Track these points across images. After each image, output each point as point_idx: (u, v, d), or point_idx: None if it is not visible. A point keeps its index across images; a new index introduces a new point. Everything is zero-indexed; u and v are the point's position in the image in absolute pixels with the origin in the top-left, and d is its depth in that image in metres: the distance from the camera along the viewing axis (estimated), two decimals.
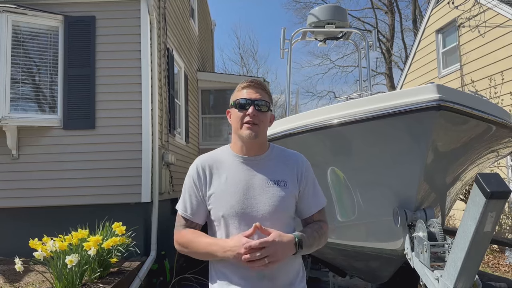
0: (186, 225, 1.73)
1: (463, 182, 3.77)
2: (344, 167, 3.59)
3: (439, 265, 2.63)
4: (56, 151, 5.44)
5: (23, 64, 5.47)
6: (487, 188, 1.80)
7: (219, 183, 1.69)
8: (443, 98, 2.77)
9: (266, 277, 1.60)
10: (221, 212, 1.65)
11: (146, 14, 5.68)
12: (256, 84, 1.71)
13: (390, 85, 21.25)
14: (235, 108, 1.70)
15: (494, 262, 7.01)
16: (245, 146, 1.71)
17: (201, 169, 1.73)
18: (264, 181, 1.67)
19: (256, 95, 1.68)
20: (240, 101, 1.68)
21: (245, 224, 1.62)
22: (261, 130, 1.69)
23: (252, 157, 1.72)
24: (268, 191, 1.66)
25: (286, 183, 1.69)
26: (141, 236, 5.16)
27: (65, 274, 3.59)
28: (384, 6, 22.84)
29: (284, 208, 1.66)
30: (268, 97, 1.72)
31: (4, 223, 5.36)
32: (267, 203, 1.64)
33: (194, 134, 9.37)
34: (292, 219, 1.73)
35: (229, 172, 1.70)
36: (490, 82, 8.27)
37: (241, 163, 1.71)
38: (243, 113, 1.67)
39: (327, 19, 6.71)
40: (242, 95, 1.69)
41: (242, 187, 1.66)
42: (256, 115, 1.65)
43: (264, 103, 1.68)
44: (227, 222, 1.64)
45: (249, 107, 1.65)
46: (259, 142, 1.71)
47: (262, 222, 1.60)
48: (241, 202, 1.64)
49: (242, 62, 29.89)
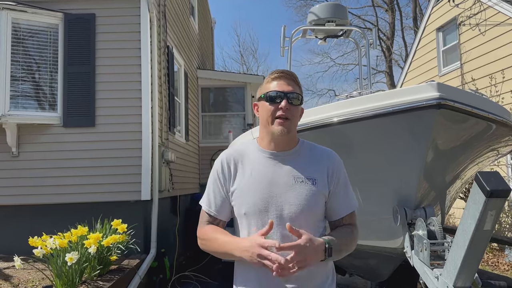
0: (209, 221, 1.64)
1: (463, 180, 3.76)
2: (344, 165, 3.58)
3: (438, 264, 2.63)
4: (56, 149, 5.44)
5: (23, 61, 5.47)
6: (487, 187, 1.79)
7: (243, 178, 1.59)
8: (443, 96, 2.77)
9: (292, 280, 1.50)
10: (243, 210, 1.56)
11: (146, 12, 5.67)
12: (287, 75, 1.59)
13: (390, 83, 21.24)
14: (265, 101, 1.58)
15: (493, 260, 7.02)
16: (274, 141, 1.60)
17: (226, 164, 1.63)
18: (290, 177, 1.56)
19: (288, 88, 1.56)
20: (271, 94, 1.56)
21: (268, 223, 1.48)
22: (293, 125, 1.58)
23: (279, 152, 1.60)
24: (295, 189, 1.54)
25: (315, 181, 1.57)
26: (141, 234, 5.16)
27: (65, 271, 3.59)
28: (385, 4, 22.81)
29: (311, 208, 1.54)
30: (300, 89, 1.61)
31: (4, 221, 5.36)
32: (293, 201, 1.52)
33: (194, 132, 9.36)
34: (321, 221, 1.61)
35: (254, 167, 1.59)
36: (490, 80, 8.27)
37: (267, 158, 1.60)
38: (275, 106, 1.55)
39: (327, 17, 6.70)
40: (273, 87, 1.57)
41: (267, 183, 1.55)
42: (289, 109, 1.54)
43: (296, 96, 1.57)
44: (250, 220, 1.55)
45: (282, 100, 1.54)
46: (289, 138, 1.60)
47: (287, 222, 1.48)
48: (265, 200, 1.53)
49: (242, 60, 29.90)
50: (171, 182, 6.54)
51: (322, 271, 1.58)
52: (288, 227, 1.40)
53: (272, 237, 1.49)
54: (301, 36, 7.28)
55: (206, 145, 9.80)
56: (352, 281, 5.57)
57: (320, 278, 1.57)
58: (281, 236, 1.50)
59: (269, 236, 1.48)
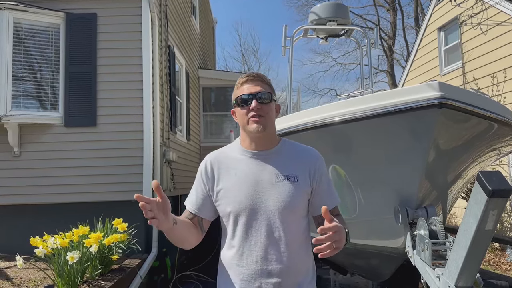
0: (189, 218, 1.69)
1: (464, 180, 3.76)
2: (345, 164, 3.58)
3: (440, 263, 2.63)
4: (57, 149, 5.45)
5: (25, 61, 5.47)
6: (489, 186, 1.79)
7: (228, 179, 1.65)
8: (445, 96, 2.76)
9: (274, 277, 1.56)
10: (229, 208, 1.61)
11: (147, 11, 5.67)
12: (254, 77, 1.67)
13: (391, 83, 21.22)
14: (237, 106, 1.66)
15: (495, 260, 7.01)
16: (253, 141, 1.66)
17: (210, 165, 1.70)
18: (273, 176, 1.62)
19: (256, 88, 1.63)
20: (242, 97, 1.64)
21: (253, 220, 1.58)
22: (268, 121, 1.63)
23: (261, 151, 1.66)
24: (278, 187, 1.60)
25: (297, 178, 1.62)
26: (142, 233, 5.16)
27: (66, 271, 3.60)
28: (386, 4, 22.78)
29: (294, 205, 1.60)
30: (269, 88, 1.67)
31: (6, 220, 5.37)
32: (276, 198, 1.58)
33: (195, 132, 9.37)
34: (304, 217, 1.67)
35: (238, 168, 1.65)
36: (492, 80, 8.25)
37: (250, 158, 1.66)
38: (247, 108, 1.62)
39: (328, 16, 6.69)
40: (243, 91, 1.65)
41: (251, 182, 1.61)
42: (260, 108, 1.61)
43: (266, 95, 1.63)
44: (236, 218, 1.61)
45: (251, 101, 1.61)
46: (267, 135, 1.66)
47: (271, 218, 1.57)
48: (249, 198, 1.59)
49: (244, 60, 29.85)
50: (173, 181, 6.55)
51: (303, 268, 1.63)
52: (324, 209, 1.38)
53: (258, 234, 1.56)
54: (302, 35, 7.28)
55: (207, 145, 9.80)
56: (353, 281, 5.56)
57: (301, 274, 1.62)
58: (266, 233, 1.58)
59: (254, 233, 1.58)
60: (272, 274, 1.56)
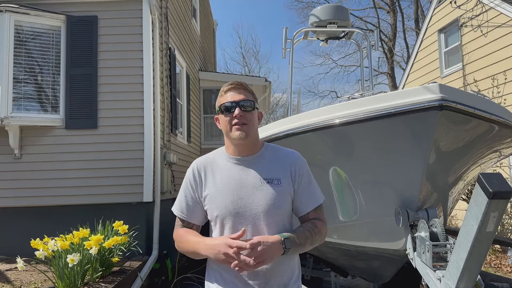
0: (183, 226, 1.77)
1: (465, 182, 3.76)
2: (346, 166, 3.58)
3: (441, 265, 2.62)
4: (58, 151, 5.45)
5: (25, 63, 5.48)
6: (490, 188, 1.79)
7: (213, 184, 1.71)
8: (445, 98, 2.76)
9: (259, 278, 1.61)
10: (215, 213, 1.68)
11: (148, 14, 5.68)
12: (237, 85, 1.72)
13: (392, 85, 21.22)
14: (221, 113, 1.70)
15: (496, 262, 7.00)
16: (237, 148, 1.72)
17: (197, 171, 1.76)
18: (257, 179, 1.67)
19: (239, 96, 1.68)
20: (225, 105, 1.68)
21: (239, 223, 1.63)
22: (251, 129, 1.68)
23: (245, 157, 1.72)
24: (262, 190, 1.65)
25: (280, 181, 1.68)
26: (143, 236, 5.16)
27: (67, 273, 3.60)
28: (386, 6, 22.81)
29: (278, 207, 1.65)
30: (252, 96, 1.73)
31: (7, 222, 5.37)
32: (261, 202, 1.64)
33: (196, 134, 9.37)
34: (289, 218, 1.71)
35: (223, 173, 1.71)
36: (492, 81, 8.25)
37: (234, 164, 1.72)
38: (230, 116, 1.67)
39: (329, 18, 6.71)
40: (226, 99, 1.69)
41: (235, 186, 1.67)
42: (243, 115, 1.66)
43: (249, 103, 1.68)
44: (222, 222, 1.67)
45: (235, 109, 1.66)
46: (250, 142, 1.71)
47: (256, 221, 1.62)
48: (235, 202, 1.64)
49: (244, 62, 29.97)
50: (173, 183, 6.55)
51: (287, 268, 1.68)
52: (243, 231, 1.54)
53: (244, 236, 1.58)
54: (302, 37, 7.29)
55: (208, 147, 9.80)
56: (354, 283, 5.56)
57: (286, 274, 1.67)
58: (252, 235, 1.62)
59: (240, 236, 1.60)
60: (258, 275, 1.61)
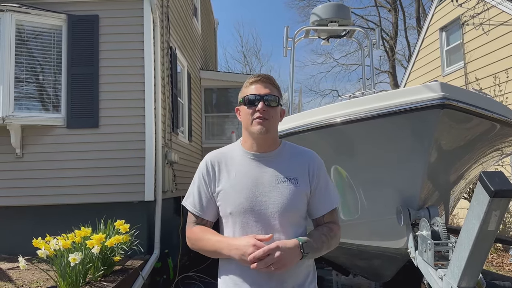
0: (196, 222, 1.69)
1: (467, 180, 3.75)
2: (347, 165, 3.58)
3: (442, 264, 2.62)
4: (59, 150, 5.46)
5: (27, 63, 5.49)
6: (491, 187, 1.79)
7: (228, 179, 1.64)
8: (447, 96, 2.76)
9: (274, 279, 1.56)
10: (229, 209, 1.61)
11: (149, 13, 5.68)
12: (264, 78, 1.66)
13: (393, 84, 21.19)
14: (244, 105, 1.65)
15: (498, 261, 6.99)
16: (255, 142, 1.66)
17: (211, 165, 1.68)
18: (274, 178, 1.62)
19: (265, 90, 1.63)
20: (249, 97, 1.63)
21: (253, 221, 1.58)
22: (272, 125, 1.64)
23: (262, 153, 1.66)
24: (278, 188, 1.60)
25: (297, 180, 1.63)
26: (144, 235, 5.17)
27: (68, 272, 3.60)
28: (388, 4, 22.76)
29: (294, 206, 1.60)
30: (277, 92, 1.67)
31: (8, 222, 5.38)
32: (277, 200, 1.58)
33: (197, 133, 9.37)
34: (303, 219, 1.67)
35: (238, 169, 1.65)
36: (494, 80, 8.23)
37: (251, 160, 1.66)
38: (253, 109, 1.62)
39: (330, 17, 6.69)
40: (251, 91, 1.64)
41: (251, 183, 1.61)
42: (266, 110, 1.61)
43: (273, 98, 1.63)
44: (235, 219, 1.60)
45: (259, 102, 1.61)
46: (270, 138, 1.66)
47: (270, 220, 1.57)
48: (250, 199, 1.59)
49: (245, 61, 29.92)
50: (174, 182, 6.55)
51: (303, 270, 1.63)
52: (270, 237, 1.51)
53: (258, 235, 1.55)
54: (304, 36, 7.28)
55: (209, 146, 9.80)
56: (356, 281, 5.56)
57: (302, 276, 1.62)
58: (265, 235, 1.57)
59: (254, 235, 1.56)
60: (273, 276, 1.55)
